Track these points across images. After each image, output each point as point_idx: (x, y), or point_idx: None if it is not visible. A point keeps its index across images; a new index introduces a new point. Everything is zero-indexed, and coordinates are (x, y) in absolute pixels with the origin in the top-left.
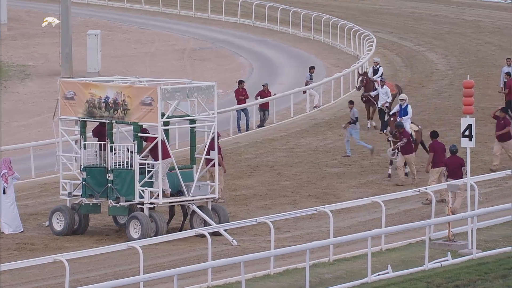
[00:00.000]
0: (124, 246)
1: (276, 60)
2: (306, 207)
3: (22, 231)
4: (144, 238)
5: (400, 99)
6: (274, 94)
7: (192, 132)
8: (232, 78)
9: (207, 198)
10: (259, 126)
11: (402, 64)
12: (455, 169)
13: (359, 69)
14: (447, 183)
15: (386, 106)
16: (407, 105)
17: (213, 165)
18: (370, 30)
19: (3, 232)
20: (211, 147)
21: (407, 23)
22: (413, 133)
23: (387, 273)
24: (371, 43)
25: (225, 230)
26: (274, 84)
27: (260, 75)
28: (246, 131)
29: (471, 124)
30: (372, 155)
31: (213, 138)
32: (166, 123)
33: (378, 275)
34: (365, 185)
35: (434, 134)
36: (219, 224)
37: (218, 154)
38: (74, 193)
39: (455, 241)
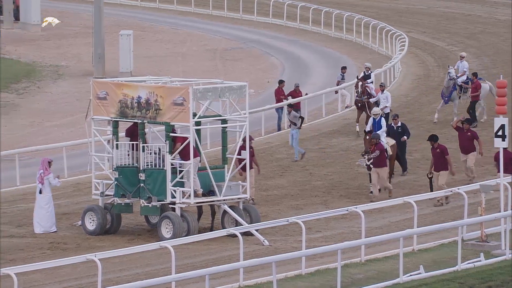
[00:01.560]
0: (156, 245)
1: (307, 60)
2: (338, 207)
3: (55, 231)
4: (176, 238)
5: (373, 114)
6: (306, 94)
7: (224, 132)
8: (263, 78)
9: (238, 198)
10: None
11: (434, 64)
12: (506, 164)
13: (392, 68)
14: (480, 183)
15: (386, 113)
16: (380, 118)
17: (244, 166)
18: (402, 30)
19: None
20: (242, 147)
21: (440, 22)
22: (388, 148)
23: (419, 273)
24: (403, 43)
25: (256, 230)
26: (306, 84)
27: (292, 75)
28: (278, 131)
29: (504, 124)
30: (302, 159)
31: (244, 138)
32: (197, 123)
33: (410, 275)
34: (397, 185)
35: (435, 138)
36: (250, 224)
37: (251, 156)
38: (107, 192)
39: (488, 242)
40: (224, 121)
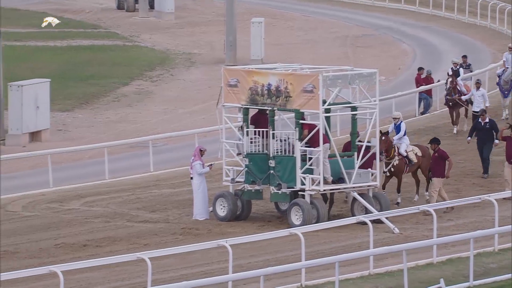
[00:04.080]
0: (285, 232)
1: (440, 46)
2: (470, 195)
3: (200, 219)
4: (306, 224)
5: (393, 117)
6: (438, 81)
7: (353, 119)
8: (394, 65)
9: (368, 186)
10: (422, 113)
11: None
12: None
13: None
14: None
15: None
16: (400, 122)
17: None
18: None
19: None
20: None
21: None
22: (413, 156)
23: None
24: None
25: (386, 218)
26: (438, 71)
27: (423, 62)
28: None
29: None
30: None
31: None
32: (327, 110)
33: None
34: None
35: (438, 141)
36: (380, 211)
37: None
38: (237, 179)
39: None
40: (353, 109)
